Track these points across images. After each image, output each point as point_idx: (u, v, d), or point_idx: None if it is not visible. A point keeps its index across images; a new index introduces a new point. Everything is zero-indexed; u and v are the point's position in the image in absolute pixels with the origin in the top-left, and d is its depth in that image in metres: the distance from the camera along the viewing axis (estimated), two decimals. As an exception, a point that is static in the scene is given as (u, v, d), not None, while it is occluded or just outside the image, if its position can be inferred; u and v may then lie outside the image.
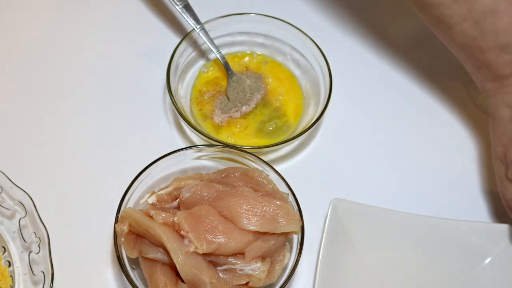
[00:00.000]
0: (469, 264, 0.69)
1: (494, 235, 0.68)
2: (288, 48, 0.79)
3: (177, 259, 0.56)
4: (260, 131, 0.75)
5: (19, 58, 0.81)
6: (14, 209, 0.65)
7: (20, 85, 0.79)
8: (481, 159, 0.78)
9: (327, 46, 0.77)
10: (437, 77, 0.85)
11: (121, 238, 0.59)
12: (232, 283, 0.58)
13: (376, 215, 0.68)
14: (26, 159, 0.73)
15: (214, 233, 0.57)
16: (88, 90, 0.79)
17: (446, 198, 0.75)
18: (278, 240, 0.59)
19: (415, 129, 0.80)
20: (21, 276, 0.64)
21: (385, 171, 0.76)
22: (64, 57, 0.82)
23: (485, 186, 0.76)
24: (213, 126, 0.75)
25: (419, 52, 0.87)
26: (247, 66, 0.80)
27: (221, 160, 0.68)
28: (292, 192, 0.64)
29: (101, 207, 0.70)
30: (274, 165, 0.68)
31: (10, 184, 0.65)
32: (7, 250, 0.65)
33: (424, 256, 0.69)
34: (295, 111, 0.77)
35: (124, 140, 0.76)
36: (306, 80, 0.79)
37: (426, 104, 0.82)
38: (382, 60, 0.86)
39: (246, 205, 0.58)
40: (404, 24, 0.89)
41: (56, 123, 0.76)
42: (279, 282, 0.61)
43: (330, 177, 0.75)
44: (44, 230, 0.63)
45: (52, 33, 0.84)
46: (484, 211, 0.74)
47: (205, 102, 0.77)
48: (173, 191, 0.63)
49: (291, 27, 0.77)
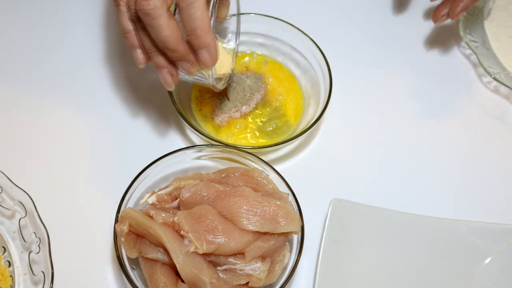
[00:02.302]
0: (469, 264, 0.69)
1: (494, 235, 0.68)
2: (288, 48, 0.79)
3: (177, 259, 0.56)
4: (260, 131, 0.75)
5: (19, 58, 0.81)
6: (14, 209, 0.65)
7: (20, 85, 0.79)
8: (481, 159, 0.78)
9: (327, 47, 0.77)
10: (438, 77, 0.85)
11: (121, 238, 0.59)
12: (232, 283, 0.58)
13: (376, 215, 0.68)
14: (26, 159, 0.73)
15: (214, 233, 0.57)
16: (88, 90, 0.79)
17: (446, 198, 0.75)
18: (278, 240, 0.59)
19: (415, 129, 0.80)
20: (21, 276, 0.64)
21: (385, 171, 0.76)
22: (64, 57, 0.82)
23: (485, 186, 0.76)
24: (213, 126, 0.75)
25: (419, 52, 0.87)
26: (247, 66, 0.80)
27: (221, 160, 0.68)
28: (292, 192, 0.64)
29: (101, 207, 0.70)
30: (274, 165, 0.68)
31: (10, 184, 0.65)
32: (7, 250, 0.65)
33: (424, 256, 0.69)
34: (295, 111, 0.77)
35: (124, 140, 0.76)
36: (306, 80, 0.79)
37: (426, 104, 0.82)
38: (382, 60, 0.86)
39: (246, 205, 0.58)
40: (404, 24, 0.89)
41: (56, 123, 0.76)
42: (279, 282, 0.61)
43: (330, 177, 0.75)
44: (44, 230, 0.63)
45: (52, 33, 0.84)
46: (484, 211, 0.74)
47: (205, 102, 0.77)
48: (173, 191, 0.63)
49: (291, 27, 0.77)
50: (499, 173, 0.77)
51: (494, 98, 0.83)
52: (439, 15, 0.80)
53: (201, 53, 0.60)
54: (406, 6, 0.91)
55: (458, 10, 0.78)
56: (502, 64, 0.82)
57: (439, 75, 0.85)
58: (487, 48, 0.83)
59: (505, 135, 0.80)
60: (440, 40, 0.87)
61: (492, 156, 0.78)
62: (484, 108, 0.82)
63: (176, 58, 0.60)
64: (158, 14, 0.57)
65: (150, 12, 0.56)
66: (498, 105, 0.83)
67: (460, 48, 0.87)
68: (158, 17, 0.57)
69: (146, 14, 0.57)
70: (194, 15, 0.57)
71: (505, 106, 0.83)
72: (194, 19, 0.57)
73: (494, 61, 0.82)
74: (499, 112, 0.82)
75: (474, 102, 0.83)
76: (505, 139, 0.80)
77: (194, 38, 0.59)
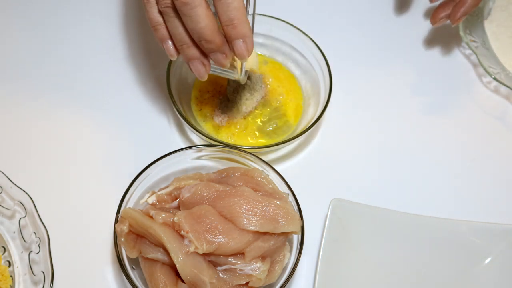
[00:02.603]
0: (469, 264, 0.69)
1: (494, 235, 0.68)
2: (288, 48, 0.79)
3: (177, 259, 0.56)
4: (260, 131, 0.75)
5: (19, 58, 0.81)
6: (14, 209, 0.65)
7: (20, 85, 0.79)
8: (481, 159, 0.78)
9: (327, 46, 0.77)
10: (438, 77, 0.85)
11: (121, 238, 0.59)
12: (232, 283, 0.58)
13: (376, 215, 0.69)
14: (26, 159, 0.73)
15: (214, 233, 0.57)
16: (88, 90, 0.79)
17: (446, 198, 0.75)
18: (278, 240, 0.59)
19: (415, 128, 0.80)
20: (21, 276, 0.64)
21: (385, 171, 0.76)
22: (64, 57, 0.82)
23: (485, 186, 0.76)
24: (213, 126, 0.75)
25: (419, 52, 0.87)
26: (247, 66, 0.80)
27: (221, 160, 0.68)
28: (292, 192, 0.64)
29: (101, 207, 0.70)
30: (274, 165, 0.68)
31: (10, 184, 0.65)
32: (7, 250, 0.65)
33: (424, 256, 0.69)
34: (295, 111, 0.77)
35: (124, 140, 0.76)
36: (306, 80, 0.79)
37: (426, 104, 0.82)
38: (382, 60, 0.86)
39: (246, 205, 0.58)
40: (404, 24, 0.89)
41: (56, 123, 0.76)
42: (279, 282, 0.61)
43: (330, 177, 0.75)
44: (44, 230, 0.63)
45: (52, 33, 0.84)
46: (484, 211, 0.74)
47: (205, 102, 0.77)
48: (173, 191, 0.63)
49: (291, 27, 0.77)
50: (499, 173, 0.77)
51: (494, 98, 0.83)
52: (437, 17, 0.80)
53: (237, 44, 0.59)
54: (406, 6, 0.91)
55: (459, 15, 0.78)
56: (502, 64, 0.82)
57: (439, 75, 0.85)
58: (487, 48, 0.83)
59: (505, 135, 0.80)
60: (440, 40, 0.87)
61: (492, 156, 0.78)
62: (484, 108, 0.82)
63: (210, 50, 0.59)
64: (197, 4, 0.56)
65: (189, 1, 0.56)
66: (498, 105, 0.83)
67: (460, 48, 0.87)
68: (197, 6, 0.56)
69: (185, 3, 0.56)
70: (232, 4, 0.57)
71: (505, 106, 0.83)
72: (231, 9, 0.57)
73: (494, 61, 0.82)
74: (499, 112, 0.82)
75: (474, 102, 0.83)
76: (505, 139, 0.80)
77: (231, 28, 0.58)
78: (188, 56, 0.61)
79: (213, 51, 0.60)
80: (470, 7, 0.78)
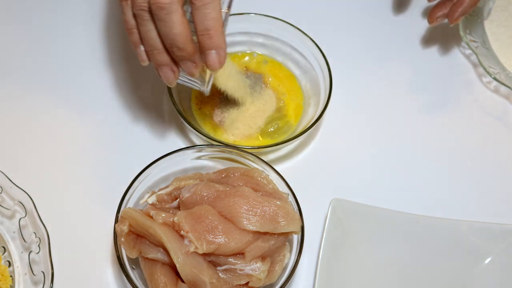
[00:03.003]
0: (469, 264, 0.69)
1: (494, 235, 0.68)
2: (288, 48, 0.79)
3: (177, 259, 0.56)
4: (261, 131, 0.75)
5: (19, 57, 0.81)
6: (14, 209, 0.65)
7: (20, 85, 0.79)
8: (481, 158, 0.78)
9: (327, 46, 0.77)
10: (438, 77, 0.85)
11: (121, 238, 0.59)
12: (232, 283, 0.58)
13: (376, 215, 0.68)
14: (26, 159, 0.73)
15: (214, 233, 0.57)
16: (88, 90, 0.79)
17: (446, 198, 0.75)
18: (278, 240, 0.59)
19: (415, 128, 0.80)
20: (21, 276, 0.64)
21: (385, 171, 0.76)
22: (64, 57, 0.82)
23: (485, 186, 0.76)
24: (212, 126, 0.75)
25: (419, 52, 0.87)
26: (247, 66, 0.80)
27: (221, 160, 0.68)
28: (292, 192, 0.64)
29: (101, 207, 0.70)
30: (274, 165, 0.68)
31: (10, 184, 0.65)
32: (7, 250, 0.65)
33: (424, 256, 0.69)
34: (295, 111, 0.77)
35: (124, 140, 0.76)
36: (306, 80, 0.79)
37: (426, 104, 0.82)
38: (382, 60, 0.86)
39: (246, 205, 0.58)
40: (404, 24, 0.89)
41: (56, 123, 0.76)
42: (279, 282, 0.61)
43: (330, 177, 0.75)
44: (44, 230, 0.63)
45: (52, 33, 0.84)
46: (484, 211, 0.74)
47: (205, 102, 0.77)
48: (173, 191, 0.63)
49: (291, 27, 0.77)
50: (499, 173, 0.77)
51: (494, 98, 0.83)
52: (434, 16, 0.80)
53: (210, 54, 0.58)
54: (406, 6, 0.91)
55: (456, 15, 0.78)
56: (502, 64, 0.82)
57: (439, 75, 0.85)
58: (487, 48, 0.83)
59: (505, 135, 0.80)
60: (440, 40, 0.87)
61: (492, 156, 0.78)
62: (484, 108, 0.82)
63: (181, 58, 0.59)
64: (173, 9, 0.55)
65: (165, 6, 0.55)
66: (498, 105, 0.83)
67: (460, 48, 0.87)
68: (173, 12, 0.55)
69: (161, 7, 0.55)
70: (210, 15, 0.56)
71: (505, 106, 0.83)
72: (209, 19, 0.56)
73: (494, 61, 0.82)
74: (499, 112, 0.82)
75: (474, 102, 0.83)
76: (505, 139, 0.80)
77: (206, 38, 0.57)
78: (158, 62, 0.61)
79: (184, 59, 0.59)
80: (468, 7, 0.78)
